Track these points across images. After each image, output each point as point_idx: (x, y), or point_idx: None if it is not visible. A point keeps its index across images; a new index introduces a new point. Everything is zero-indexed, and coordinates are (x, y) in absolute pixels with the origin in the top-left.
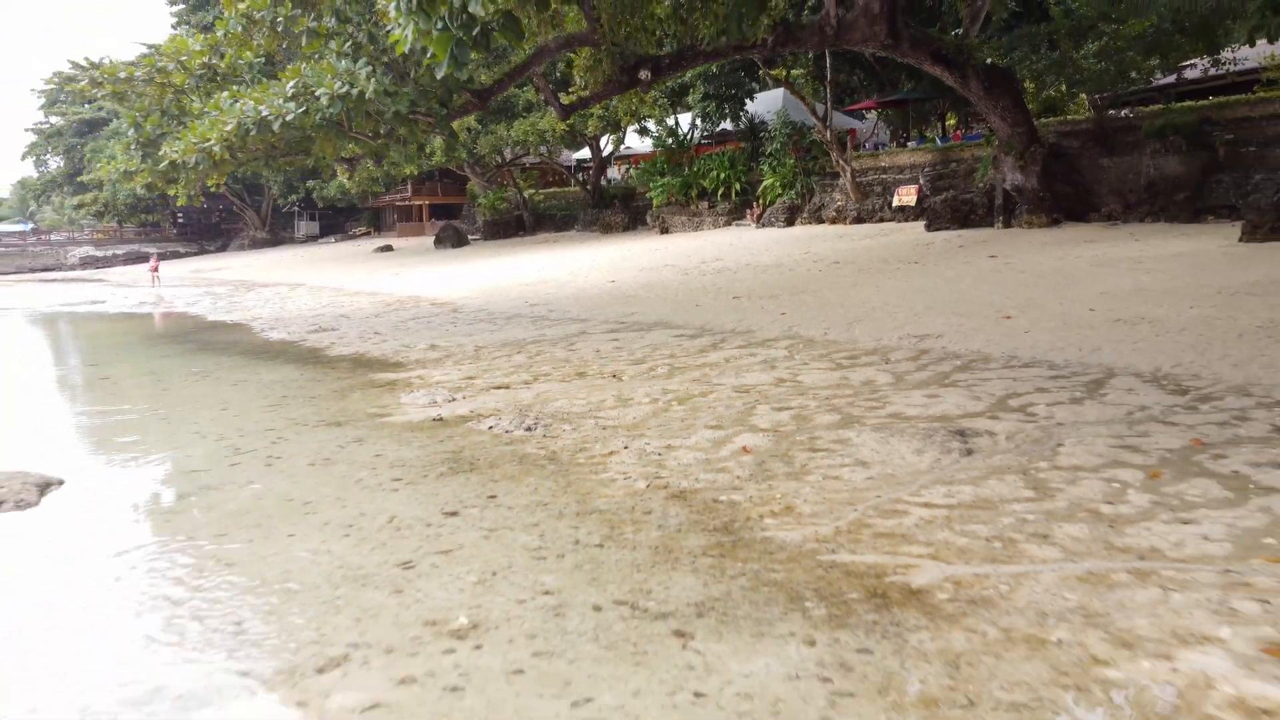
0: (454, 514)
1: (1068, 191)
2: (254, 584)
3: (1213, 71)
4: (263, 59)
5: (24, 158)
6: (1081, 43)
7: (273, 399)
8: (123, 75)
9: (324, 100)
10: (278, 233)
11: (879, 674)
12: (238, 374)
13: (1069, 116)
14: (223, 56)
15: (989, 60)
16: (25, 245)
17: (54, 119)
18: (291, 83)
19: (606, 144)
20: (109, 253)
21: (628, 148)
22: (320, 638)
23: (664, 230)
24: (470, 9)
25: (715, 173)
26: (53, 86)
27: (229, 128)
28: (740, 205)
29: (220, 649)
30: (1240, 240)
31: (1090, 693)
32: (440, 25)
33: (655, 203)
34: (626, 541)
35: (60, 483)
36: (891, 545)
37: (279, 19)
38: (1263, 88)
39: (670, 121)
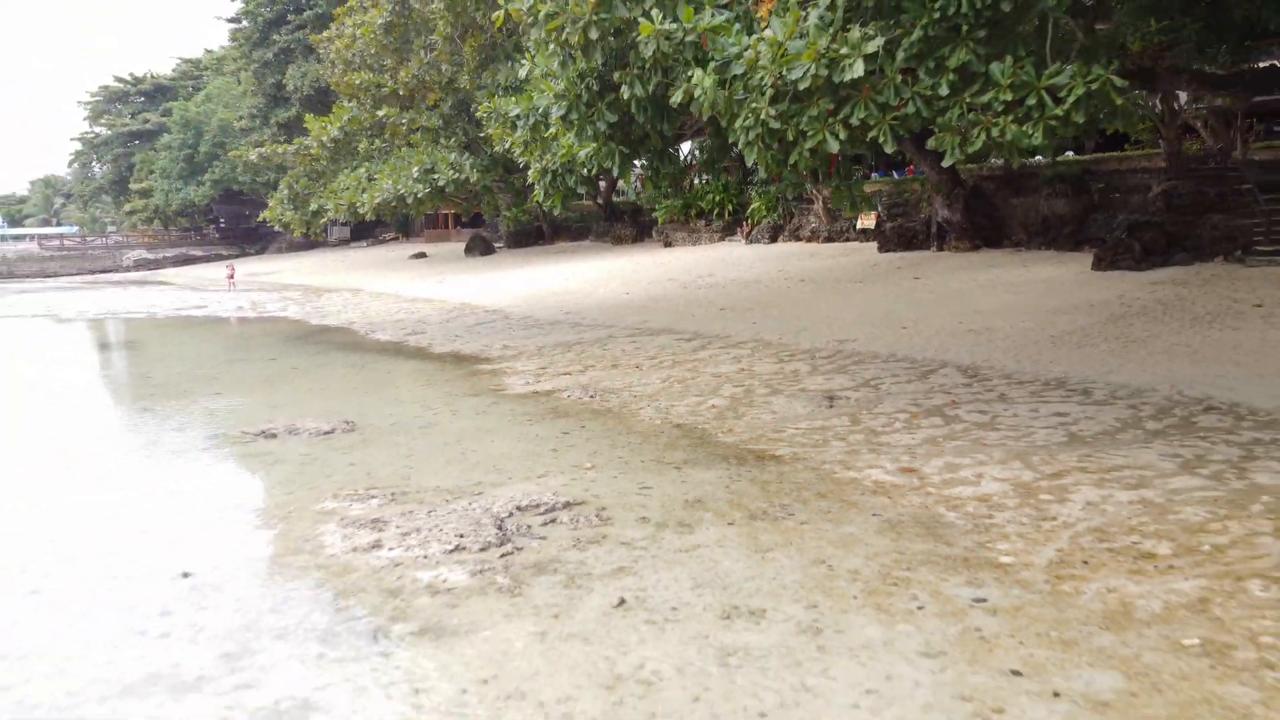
0: (567, 433)
1: (985, 224)
2: (484, 457)
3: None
4: (381, 144)
5: (70, 164)
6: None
7: (422, 381)
8: (281, 151)
9: (442, 181)
10: (312, 237)
11: (756, 479)
12: (383, 366)
13: (991, 162)
14: (349, 140)
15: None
16: (84, 248)
17: (98, 129)
18: (417, 168)
19: None
20: (160, 255)
21: (636, 169)
22: (529, 472)
23: (667, 244)
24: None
25: (712, 195)
26: (98, 99)
27: (378, 200)
28: (732, 223)
29: (488, 469)
30: (1091, 269)
31: (835, 480)
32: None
33: (660, 220)
34: (652, 442)
35: (353, 423)
36: (774, 442)
37: (400, 121)
38: (1131, 146)
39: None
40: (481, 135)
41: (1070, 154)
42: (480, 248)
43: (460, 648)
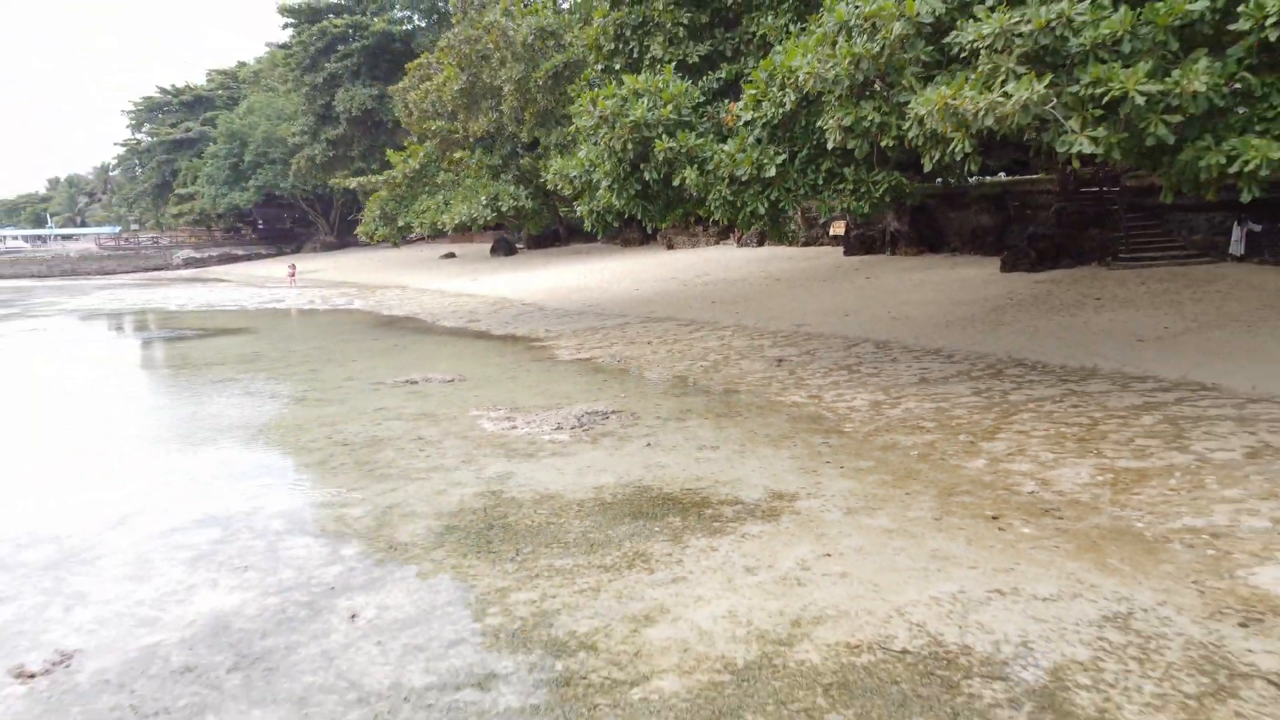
0: (606, 381)
1: (929, 233)
2: (556, 391)
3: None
4: (450, 176)
5: (113, 170)
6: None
7: (495, 353)
8: (374, 180)
9: (506, 207)
10: (344, 237)
11: (723, 401)
12: (461, 343)
13: (935, 182)
14: (424, 172)
15: None
16: (137, 248)
17: (140, 135)
18: (484, 196)
19: None
20: (205, 254)
21: None
22: (586, 398)
23: (670, 246)
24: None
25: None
26: (140, 108)
27: (456, 221)
28: (726, 228)
29: (561, 397)
30: (999, 270)
31: (769, 401)
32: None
33: (663, 225)
34: (660, 385)
35: (464, 376)
36: (737, 384)
37: (470, 160)
38: (1043, 171)
39: None
40: (532, 171)
41: (1001, 175)
42: (504, 249)
43: (572, 459)
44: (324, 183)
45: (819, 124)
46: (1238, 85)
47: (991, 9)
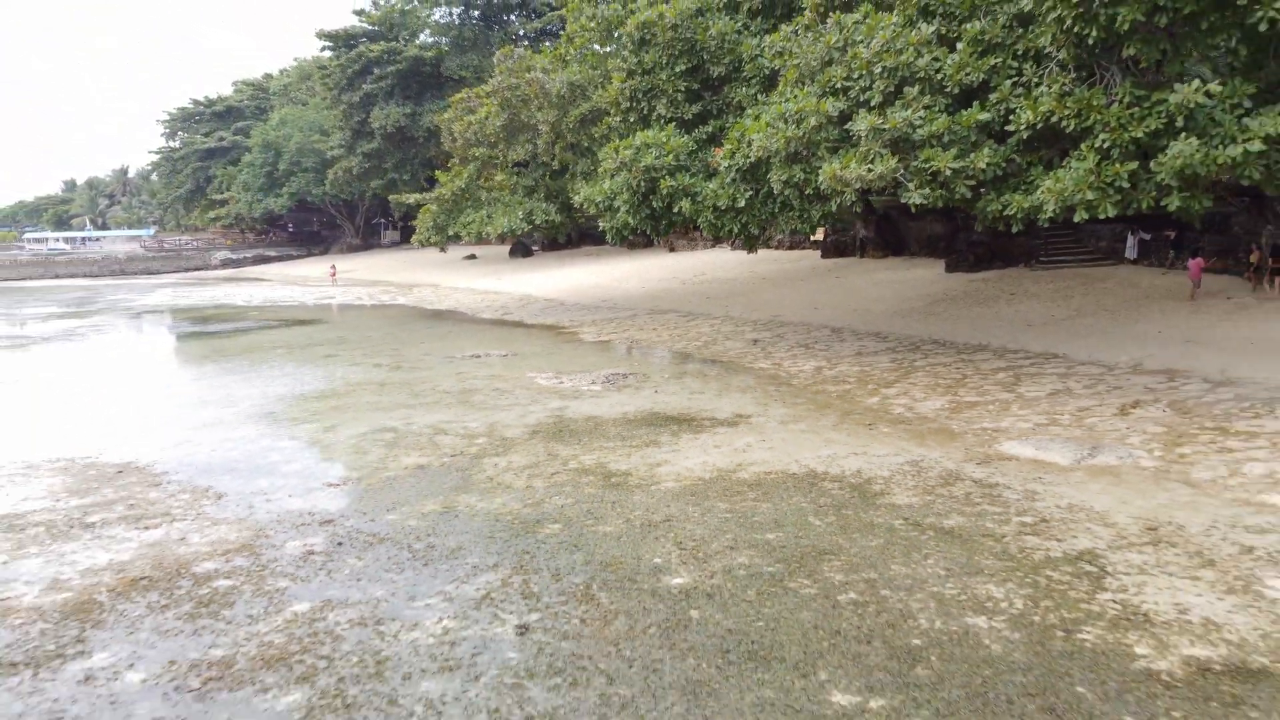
0: (623, 356)
1: (893, 239)
2: (586, 361)
3: None
4: (489, 195)
5: (150, 176)
6: None
7: (532, 338)
8: (425, 196)
9: (539, 221)
10: (368, 239)
11: (709, 367)
12: (502, 331)
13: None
14: (471, 188)
15: None
16: (179, 249)
17: (173, 144)
18: (521, 211)
19: None
20: (240, 255)
21: None
22: (609, 367)
23: (671, 249)
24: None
25: None
26: (174, 119)
27: (499, 232)
28: None
29: (590, 365)
30: (944, 271)
31: (742, 366)
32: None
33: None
34: (665, 358)
35: (514, 352)
36: (721, 355)
37: (508, 182)
38: None
39: None
40: (559, 190)
41: None
42: (522, 251)
43: (605, 400)
44: (358, 191)
45: (768, 176)
46: (1012, 161)
47: (869, 111)
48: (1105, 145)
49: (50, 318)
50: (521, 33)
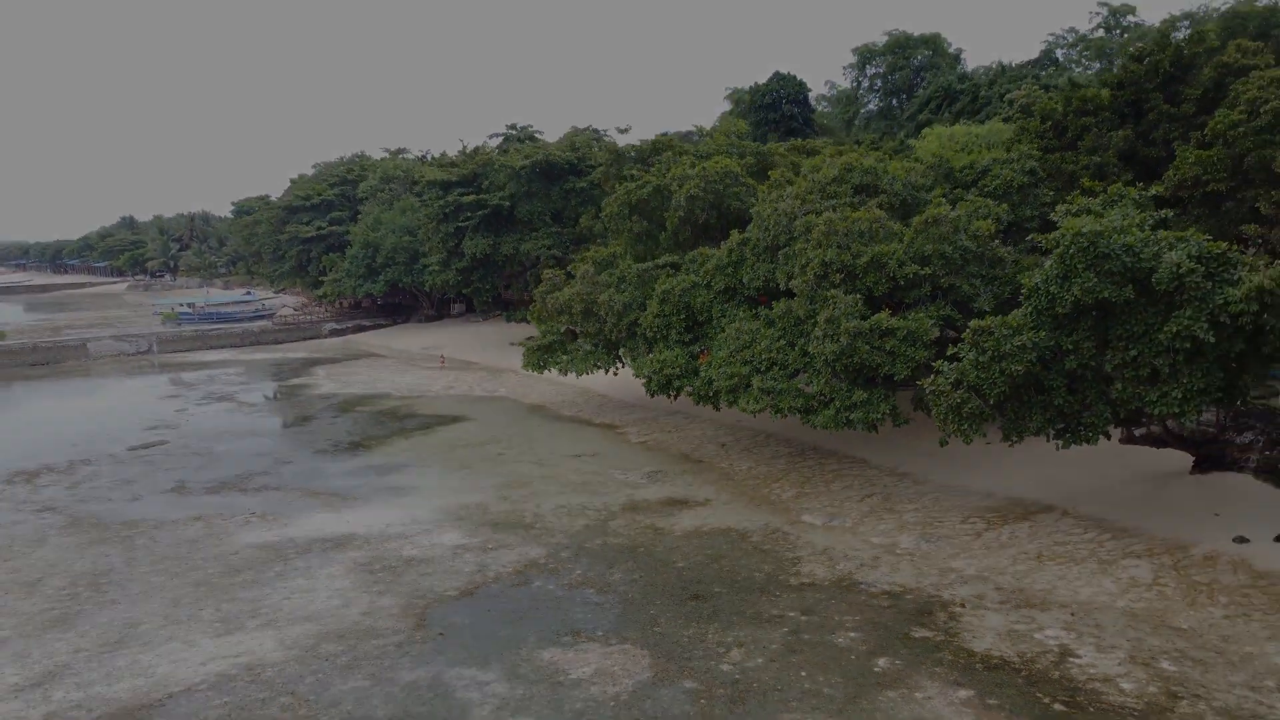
0: (667, 458)
1: None
2: (632, 459)
3: None
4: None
5: (211, 219)
6: None
7: (600, 435)
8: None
9: (606, 371)
10: (441, 310)
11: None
12: (576, 428)
13: None
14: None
15: None
16: (297, 322)
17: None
18: (591, 361)
19: None
20: (344, 325)
21: None
22: (641, 464)
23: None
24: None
25: None
26: (281, 210)
27: (581, 372)
28: None
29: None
30: None
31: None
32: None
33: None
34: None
35: (596, 453)
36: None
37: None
38: None
39: None
40: (616, 355)
41: None
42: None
43: (651, 489)
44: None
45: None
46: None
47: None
48: None
49: (326, 412)
50: (572, 188)
